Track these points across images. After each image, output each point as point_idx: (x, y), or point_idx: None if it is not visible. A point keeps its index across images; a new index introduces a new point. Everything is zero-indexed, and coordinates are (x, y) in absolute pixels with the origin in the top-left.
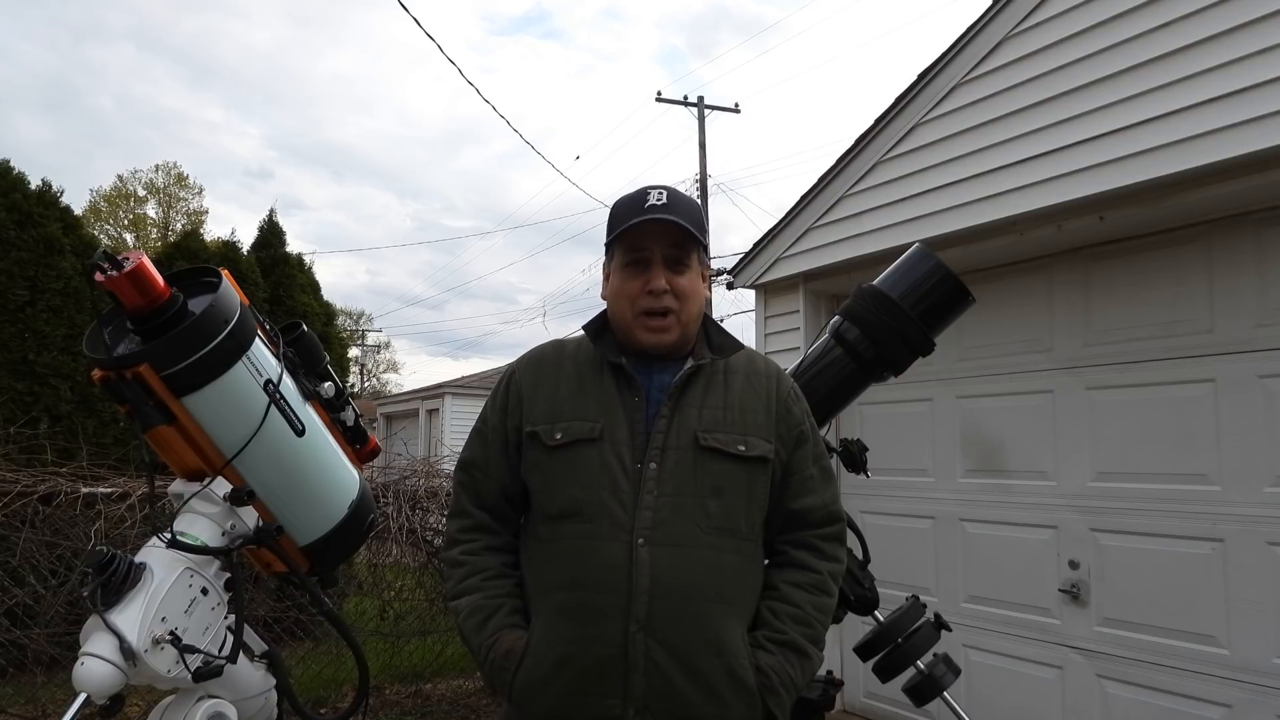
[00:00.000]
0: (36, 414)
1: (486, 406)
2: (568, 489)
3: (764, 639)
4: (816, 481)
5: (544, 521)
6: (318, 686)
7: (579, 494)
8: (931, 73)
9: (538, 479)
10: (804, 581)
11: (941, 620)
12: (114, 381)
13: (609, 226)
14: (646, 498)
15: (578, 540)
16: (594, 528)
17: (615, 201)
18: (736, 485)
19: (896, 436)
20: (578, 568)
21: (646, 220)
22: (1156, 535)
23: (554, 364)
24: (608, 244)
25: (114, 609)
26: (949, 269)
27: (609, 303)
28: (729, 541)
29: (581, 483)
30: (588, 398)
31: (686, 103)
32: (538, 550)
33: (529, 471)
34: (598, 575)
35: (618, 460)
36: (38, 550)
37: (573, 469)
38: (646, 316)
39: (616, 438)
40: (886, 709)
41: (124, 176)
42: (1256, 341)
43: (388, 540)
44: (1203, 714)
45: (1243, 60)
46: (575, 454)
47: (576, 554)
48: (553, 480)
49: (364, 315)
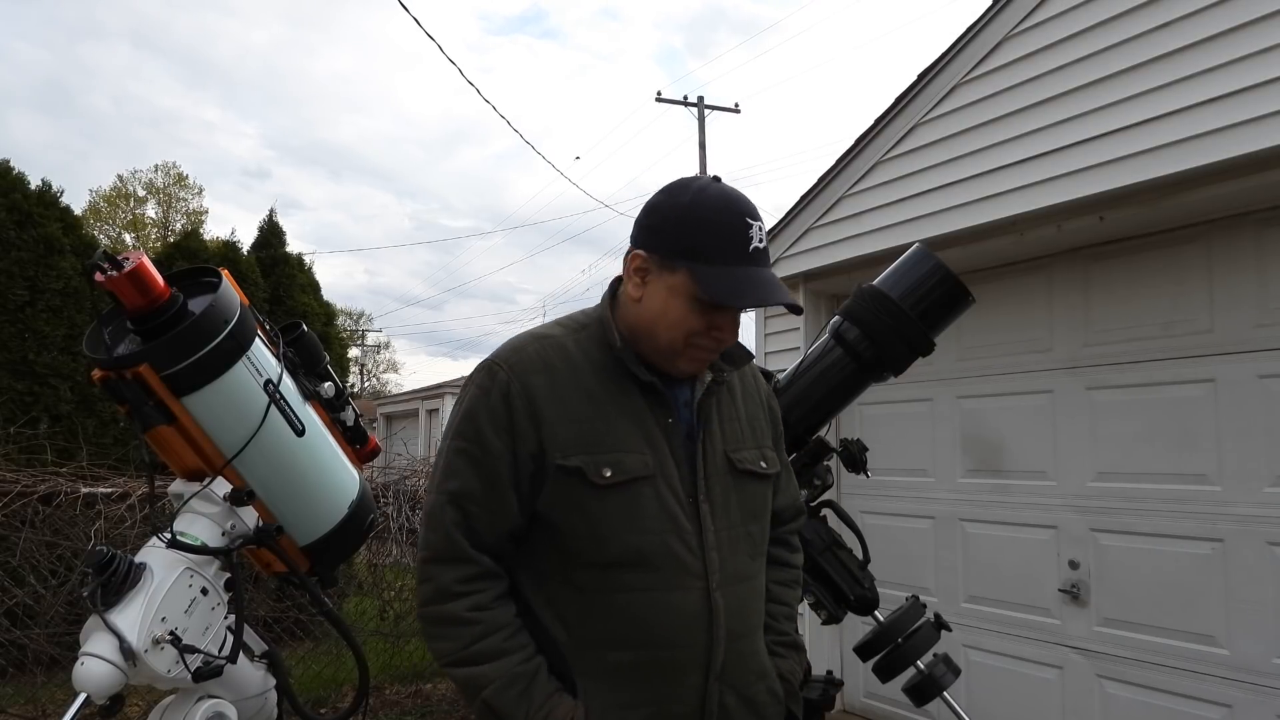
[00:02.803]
0: (36, 414)
1: (475, 424)
2: (625, 535)
3: (774, 645)
4: (785, 478)
5: (587, 569)
6: (318, 686)
7: (640, 540)
8: (931, 73)
9: (580, 522)
10: (787, 579)
11: (941, 620)
12: (114, 381)
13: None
14: (709, 536)
15: (642, 592)
16: (662, 577)
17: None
18: (763, 505)
19: (896, 436)
20: (645, 623)
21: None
22: (1156, 535)
23: (567, 374)
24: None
25: (114, 609)
26: (949, 269)
27: (648, 318)
28: (760, 563)
29: (642, 527)
30: (624, 423)
31: (686, 103)
32: (578, 601)
33: (565, 510)
34: (673, 630)
35: (674, 497)
36: (38, 550)
37: (629, 512)
38: (696, 349)
39: (667, 471)
40: (886, 709)
41: (124, 176)
42: (1256, 341)
43: (388, 540)
44: (1203, 714)
45: (1243, 60)
46: (630, 494)
47: (644, 607)
48: (603, 525)
49: (364, 315)
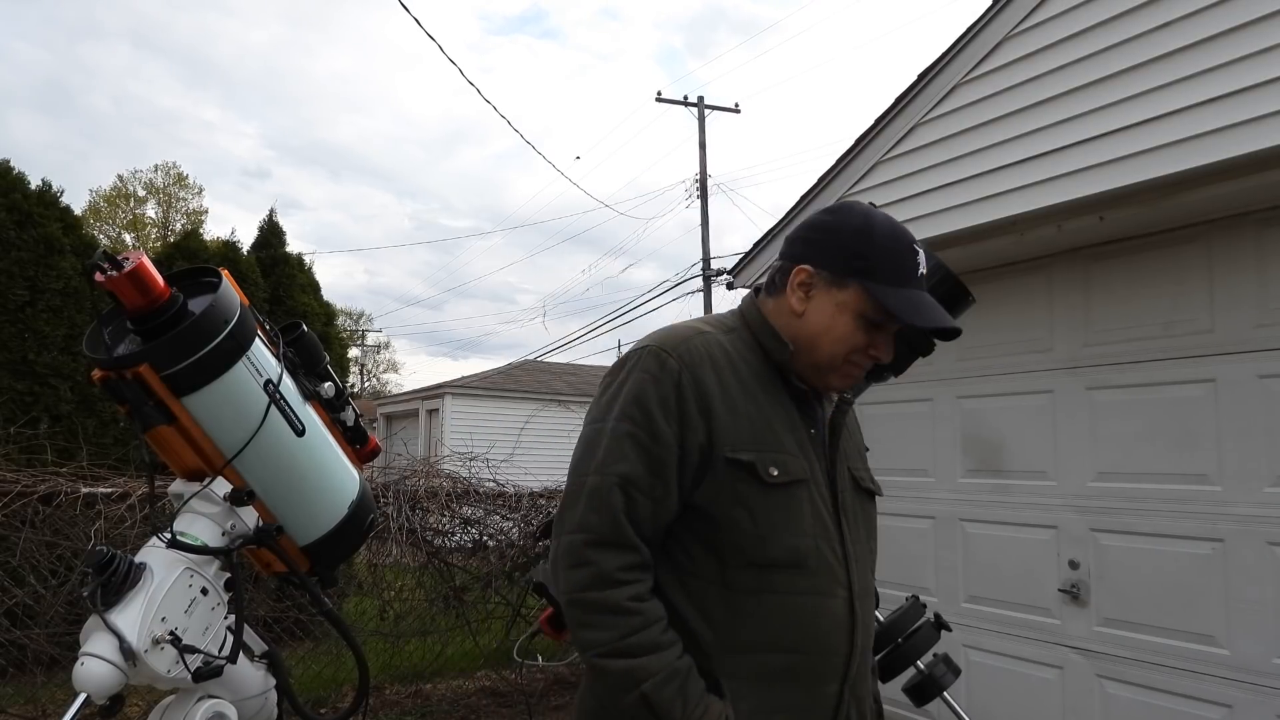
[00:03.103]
0: (36, 414)
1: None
2: (786, 536)
3: None
4: None
5: (746, 569)
6: (318, 686)
7: (800, 543)
8: (931, 73)
9: (744, 518)
10: None
11: (941, 620)
12: (114, 381)
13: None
14: (850, 547)
15: (797, 595)
16: (816, 582)
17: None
18: (875, 523)
19: (896, 436)
20: (799, 627)
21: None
22: (1156, 535)
23: (732, 373)
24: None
25: (114, 609)
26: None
27: (810, 332)
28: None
29: (800, 530)
30: (780, 426)
31: (687, 103)
32: (727, 600)
33: (728, 505)
34: (823, 637)
35: (824, 503)
36: (38, 550)
37: (790, 513)
38: (851, 366)
39: (817, 478)
40: (887, 709)
41: (124, 176)
42: (1256, 341)
43: (388, 540)
44: (1203, 714)
45: (1243, 60)
46: (792, 495)
47: (801, 611)
48: (767, 524)
49: (364, 315)
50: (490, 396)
